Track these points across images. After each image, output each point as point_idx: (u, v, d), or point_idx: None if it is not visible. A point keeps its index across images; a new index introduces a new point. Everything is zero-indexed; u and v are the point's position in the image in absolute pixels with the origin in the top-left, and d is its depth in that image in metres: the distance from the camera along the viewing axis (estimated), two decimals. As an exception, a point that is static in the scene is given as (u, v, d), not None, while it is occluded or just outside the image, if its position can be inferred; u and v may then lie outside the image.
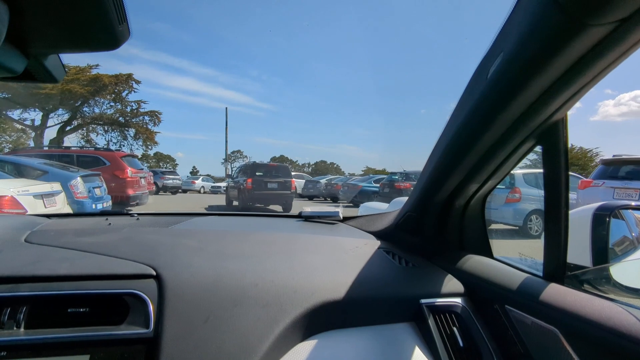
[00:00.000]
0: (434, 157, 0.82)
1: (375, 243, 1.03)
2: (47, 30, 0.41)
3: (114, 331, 0.58)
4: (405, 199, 1.06)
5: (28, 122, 24.76)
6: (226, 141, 27.51)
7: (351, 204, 12.78)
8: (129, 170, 8.40)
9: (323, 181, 17.36)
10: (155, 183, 13.05)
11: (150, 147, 34.60)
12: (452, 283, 0.83)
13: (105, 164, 8.40)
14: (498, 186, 0.89)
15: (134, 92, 28.39)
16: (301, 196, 16.88)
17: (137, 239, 0.84)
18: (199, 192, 24.69)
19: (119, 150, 10.29)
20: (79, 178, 5.68)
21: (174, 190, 20.33)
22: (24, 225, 0.92)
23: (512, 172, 0.82)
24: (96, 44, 0.44)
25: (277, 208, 10.75)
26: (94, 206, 5.73)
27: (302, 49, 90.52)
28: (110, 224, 1.03)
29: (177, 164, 54.90)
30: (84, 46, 0.44)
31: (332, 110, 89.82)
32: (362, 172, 43.33)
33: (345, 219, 1.35)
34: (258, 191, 10.26)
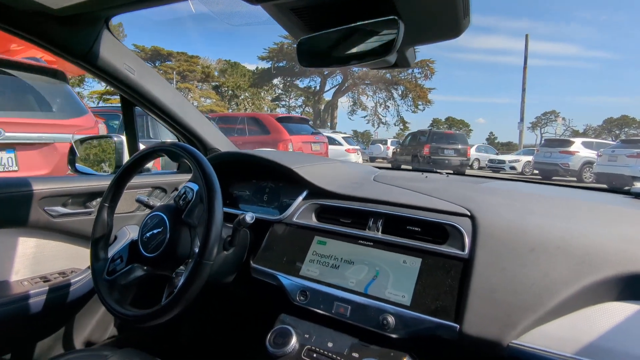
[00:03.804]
0: None
1: None
2: (415, 31, 0.57)
3: (439, 247, 0.79)
4: None
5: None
6: (523, 89, 19.32)
7: None
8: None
9: None
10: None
11: (421, 107, 31.92)
12: None
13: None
14: None
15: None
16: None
17: (451, 188, 1.00)
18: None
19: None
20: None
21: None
22: (370, 171, 1.30)
23: None
24: (443, 35, 0.59)
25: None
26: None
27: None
28: (426, 177, 1.27)
29: (471, 130, 49.41)
30: (436, 38, 0.61)
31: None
32: None
33: None
34: (435, 156, 11.24)
